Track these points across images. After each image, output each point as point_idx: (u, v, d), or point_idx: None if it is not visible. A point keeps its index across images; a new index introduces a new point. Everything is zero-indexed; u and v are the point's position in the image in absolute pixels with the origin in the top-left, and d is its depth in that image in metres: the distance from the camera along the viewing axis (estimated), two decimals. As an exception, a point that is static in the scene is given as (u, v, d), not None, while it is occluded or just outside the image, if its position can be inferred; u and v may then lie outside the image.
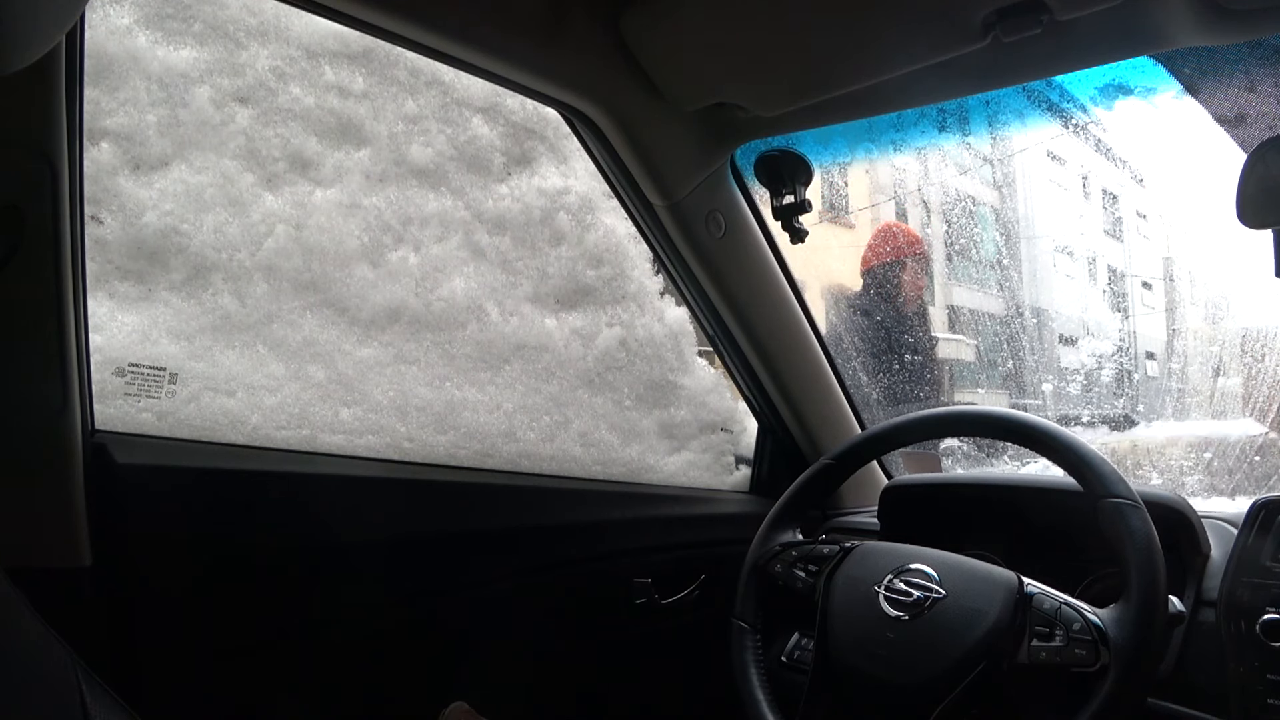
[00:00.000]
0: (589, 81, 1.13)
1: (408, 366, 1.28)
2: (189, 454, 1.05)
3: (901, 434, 1.21)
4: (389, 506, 1.18)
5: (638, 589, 1.40)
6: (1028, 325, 3.62)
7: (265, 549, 1.06)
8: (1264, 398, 2.05)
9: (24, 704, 0.46)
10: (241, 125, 1.18)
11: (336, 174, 1.25)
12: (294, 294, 1.20)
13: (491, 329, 1.36)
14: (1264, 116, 1.08)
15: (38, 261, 0.86)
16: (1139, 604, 0.88)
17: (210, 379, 1.12)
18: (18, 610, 0.49)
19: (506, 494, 1.31)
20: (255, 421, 1.13)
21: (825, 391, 1.55)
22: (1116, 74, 1.10)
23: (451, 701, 1.10)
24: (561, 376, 1.42)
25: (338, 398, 1.21)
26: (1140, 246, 3.96)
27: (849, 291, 2.32)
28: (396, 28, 0.96)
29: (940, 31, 0.96)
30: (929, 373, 2.21)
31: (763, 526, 1.21)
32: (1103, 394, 2.57)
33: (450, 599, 1.23)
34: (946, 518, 1.28)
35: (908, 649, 0.96)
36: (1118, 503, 0.94)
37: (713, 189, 1.32)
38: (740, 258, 1.39)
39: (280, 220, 1.20)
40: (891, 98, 1.16)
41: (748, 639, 1.14)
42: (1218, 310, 2.59)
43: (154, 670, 0.99)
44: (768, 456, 1.60)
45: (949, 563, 1.02)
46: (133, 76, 1.11)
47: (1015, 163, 4.02)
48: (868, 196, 4.81)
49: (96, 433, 0.97)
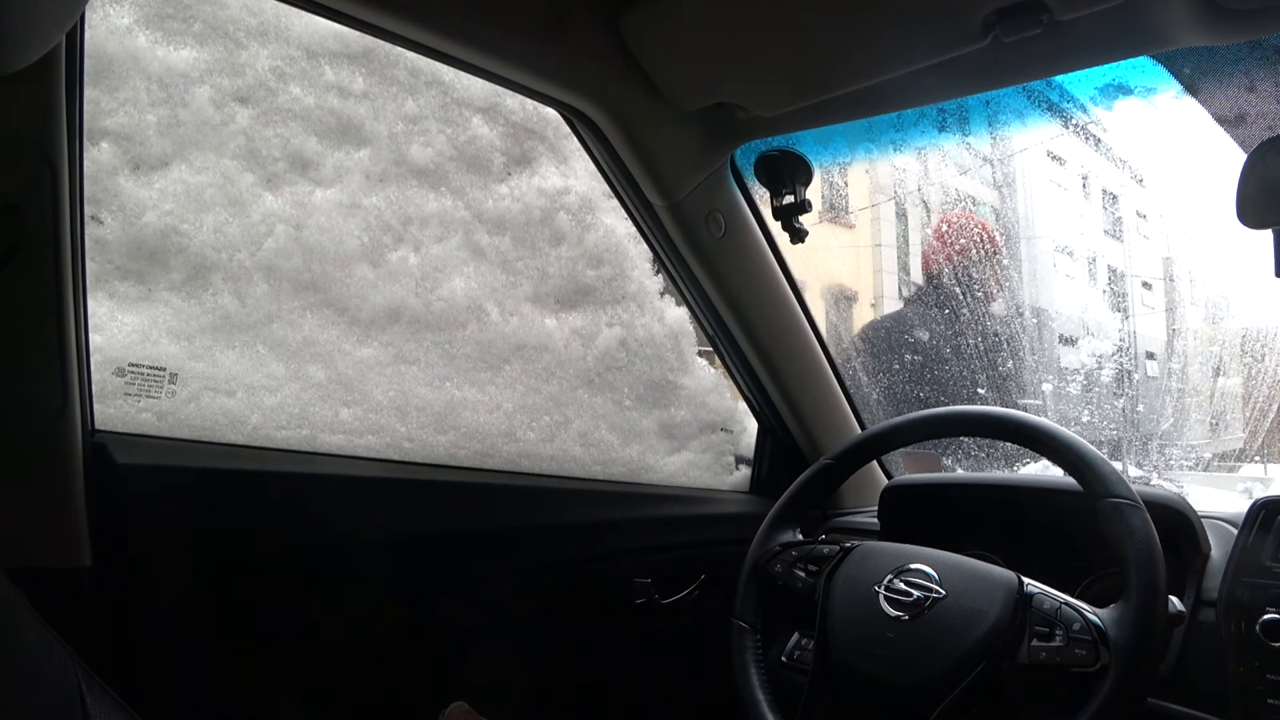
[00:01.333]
0: (589, 81, 1.13)
1: (408, 366, 1.28)
2: (189, 454, 1.05)
3: (901, 434, 1.21)
4: (389, 506, 1.18)
5: (638, 589, 1.40)
6: (1028, 325, 3.62)
7: (265, 549, 1.06)
8: (1264, 398, 2.05)
9: (24, 704, 0.46)
10: (241, 125, 1.18)
11: (336, 174, 1.25)
12: (294, 294, 1.20)
13: (491, 329, 1.36)
14: (1264, 116, 1.08)
15: (38, 261, 0.86)
16: (1139, 604, 0.88)
17: (210, 379, 1.12)
18: (18, 610, 0.49)
19: (506, 494, 1.31)
20: (255, 421, 1.13)
21: (825, 391, 1.55)
22: (1116, 74, 1.10)
23: (451, 701, 1.11)
24: (561, 376, 1.42)
25: (338, 398, 1.21)
26: (1140, 246, 3.95)
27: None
28: (396, 28, 0.96)
29: (940, 31, 0.96)
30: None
31: (763, 526, 1.21)
32: (1103, 394, 2.58)
33: (450, 599, 1.23)
34: (946, 518, 1.28)
35: (908, 649, 0.96)
36: (1118, 503, 0.94)
37: (713, 189, 1.32)
38: (740, 258, 1.39)
39: (280, 220, 1.20)
40: (891, 98, 1.16)
41: (748, 639, 1.14)
42: (1218, 310, 2.59)
43: (154, 670, 0.99)
44: (768, 456, 1.60)
45: (949, 563, 1.02)
46: (133, 76, 1.11)
47: (1015, 163, 4.02)
48: (868, 196, 4.81)
49: (96, 433, 0.97)
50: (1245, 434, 2.50)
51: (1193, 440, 2.85)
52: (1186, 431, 2.87)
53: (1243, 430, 2.50)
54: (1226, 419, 2.58)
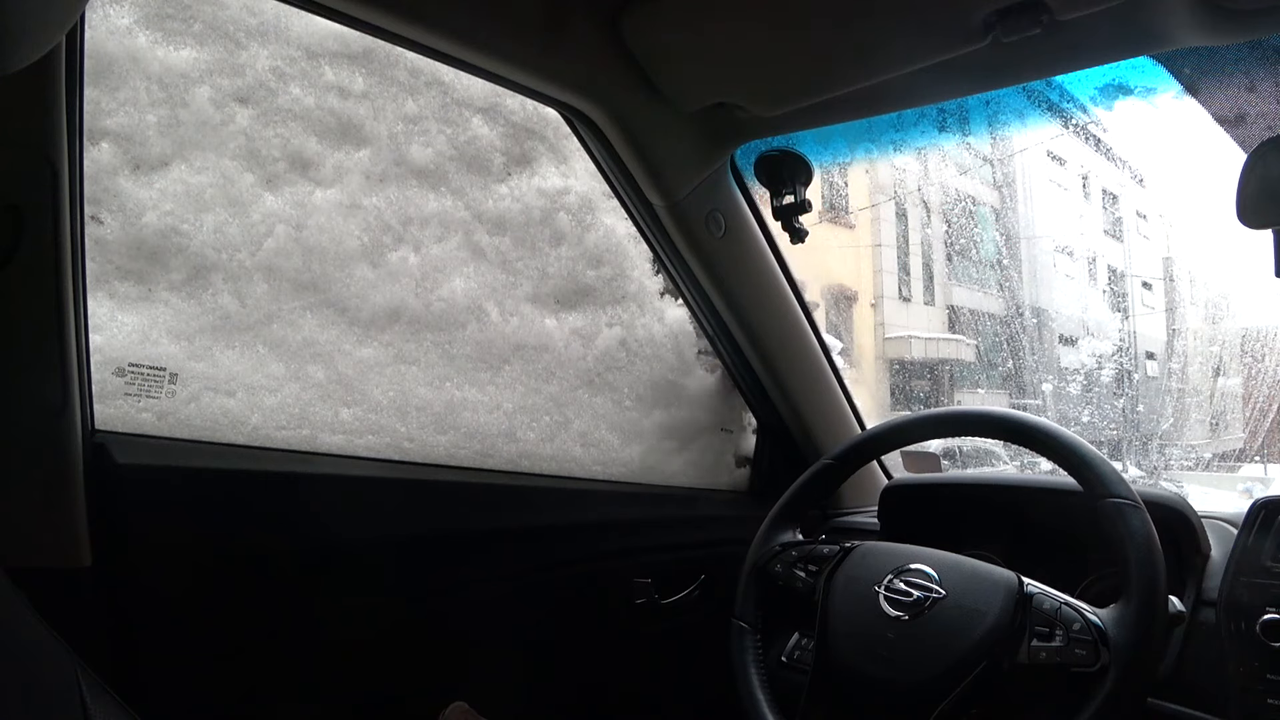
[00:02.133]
0: (589, 82, 1.13)
1: (407, 366, 1.28)
2: (189, 454, 1.05)
3: (901, 434, 1.21)
4: (389, 506, 1.18)
5: (638, 589, 1.40)
6: (1028, 325, 3.63)
7: (265, 549, 1.06)
8: (1264, 398, 2.05)
9: (24, 704, 0.46)
10: (241, 125, 1.18)
11: (336, 174, 1.25)
12: (294, 294, 1.20)
13: (491, 329, 1.36)
14: (1264, 116, 1.08)
15: (38, 261, 0.86)
16: (1139, 604, 0.88)
17: (210, 379, 1.12)
18: (18, 610, 0.49)
19: (507, 494, 1.31)
20: (255, 421, 1.13)
21: (825, 391, 1.55)
22: (1116, 74, 1.10)
23: (451, 701, 1.11)
24: (562, 377, 1.42)
25: (338, 397, 1.21)
26: (1140, 246, 3.96)
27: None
28: (396, 28, 0.96)
29: (940, 31, 0.96)
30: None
31: (763, 526, 1.21)
32: (1103, 394, 2.58)
33: (450, 599, 1.23)
34: (946, 518, 1.28)
35: (908, 649, 0.96)
36: (1118, 503, 0.94)
37: (713, 189, 1.32)
38: (740, 258, 1.39)
39: (280, 220, 1.20)
40: (891, 98, 1.16)
41: (748, 639, 1.14)
42: (1218, 310, 2.59)
43: (154, 670, 0.98)
44: (768, 456, 1.60)
45: (949, 563, 1.02)
46: (133, 76, 1.11)
47: (1015, 163, 4.02)
48: (868, 196, 4.81)
49: (96, 433, 0.97)
50: (1245, 434, 2.50)
51: (1193, 440, 2.85)
52: (1186, 431, 2.87)
53: (1243, 430, 2.50)
54: (1226, 419, 2.58)
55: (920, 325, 6.78)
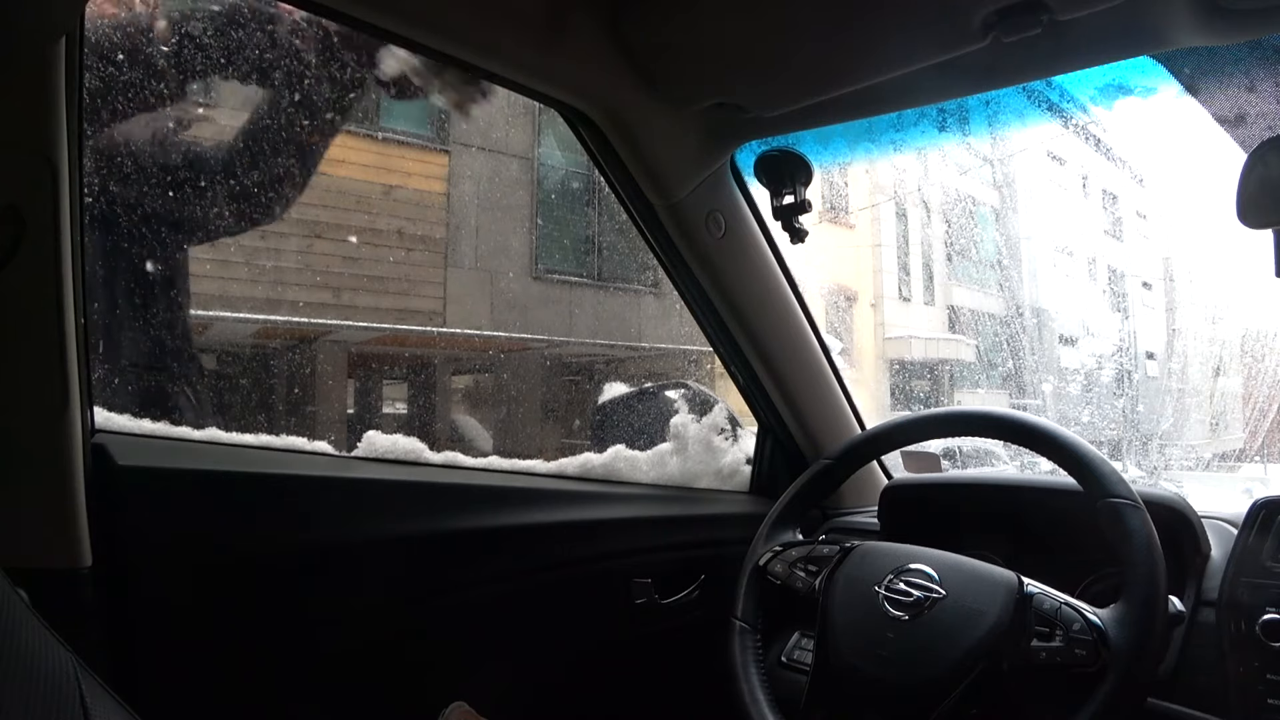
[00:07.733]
0: (588, 81, 1.13)
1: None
2: (189, 455, 1.05)
3: (901, 434, 1.21)
4: (389, 506, 1.18)
5: (638, 589, 1.40)
6: (1028, 325, 3.62)
7: (265, 549, 1.06)
8: (1264, 398, 2.05)
9: (24, 704, 0.46)
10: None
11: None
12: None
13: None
14: (1264, 116, 1.08)
15: (38, 261, 0.86)
16: (1139, 604, 0.88)
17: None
18: (18, 610, 0.49)
19: (506, 494, 1.31)
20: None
21: (825, 392, 1.54)
22: (1116, 74, 1.10)
23: (451, 702, 1.10)
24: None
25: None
26: (1140, 246, 3.96)
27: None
28: (397, 28, 0.96)
29: (940, 31, 0.96)
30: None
31: (763, 526, 1.21)
32: (1102, 394, 2.58)
33: (450, 599, 1.23)
34: (946, 518, 1.28)
35: (908, 649, 0.96)
36: (1118, 503, 0.94)
37: (713, 189, 1.32)
38: (740, 258, 1.39)
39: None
40: (891, 98, 1.16)
41: (748, 639, 1.14)
42: (1218, 310, 2.59)
43: (154, 670, 0.98)
44: (768, 456, 1.60)
45: (949, 563, 1.02)
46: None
47: (1015, 163, 4.02)
48: (868, 196, 4.81)
49: (96, 433, 0.97)
50: (1245, 434, 2.50)
51: (1193, 440, 2.85)
52: (1186, 431, 2.87)
53: (1243, 430, 2.50)
54: (1226, 419, 2.58)
55: (920, 325, 6.78)
